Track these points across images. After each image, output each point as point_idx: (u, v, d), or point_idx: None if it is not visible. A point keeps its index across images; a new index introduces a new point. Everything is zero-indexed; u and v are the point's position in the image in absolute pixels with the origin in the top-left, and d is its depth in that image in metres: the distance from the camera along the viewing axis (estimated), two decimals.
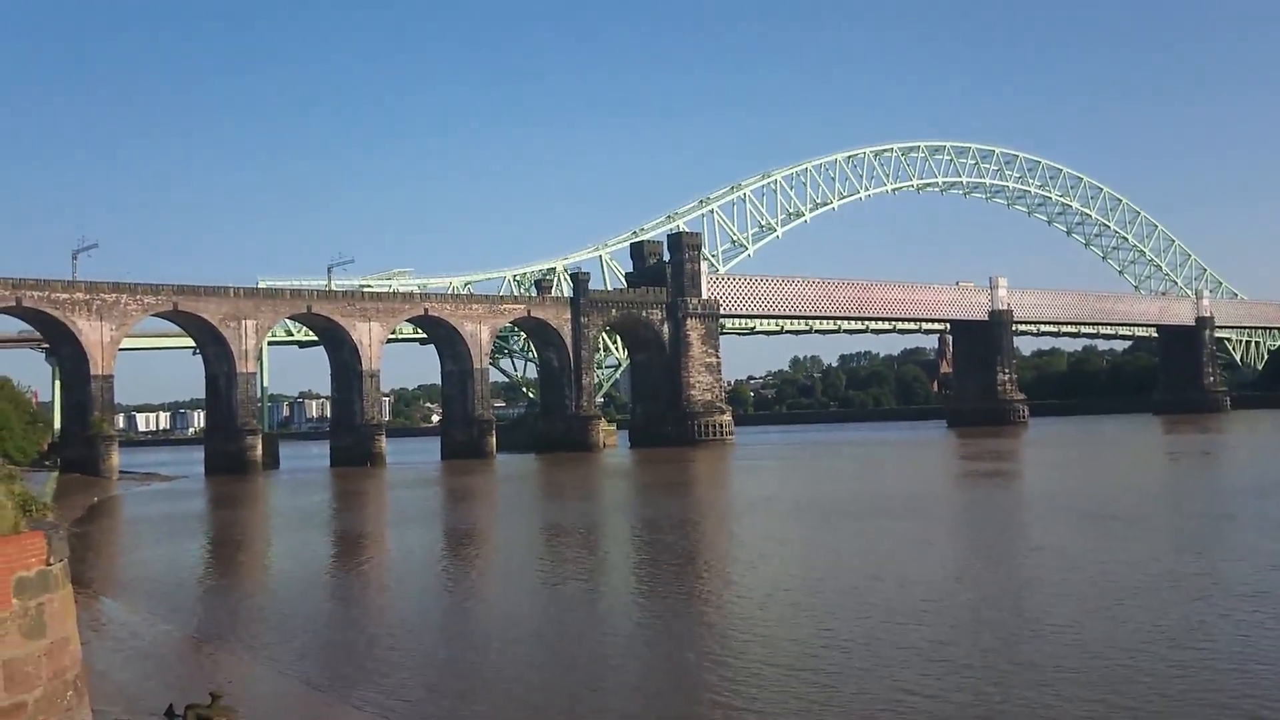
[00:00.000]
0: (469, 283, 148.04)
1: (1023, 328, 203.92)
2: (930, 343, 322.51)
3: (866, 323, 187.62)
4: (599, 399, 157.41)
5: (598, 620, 28.62)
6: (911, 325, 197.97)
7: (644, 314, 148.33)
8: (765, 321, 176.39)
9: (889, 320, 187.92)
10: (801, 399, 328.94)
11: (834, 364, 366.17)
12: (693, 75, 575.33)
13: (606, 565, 40.10)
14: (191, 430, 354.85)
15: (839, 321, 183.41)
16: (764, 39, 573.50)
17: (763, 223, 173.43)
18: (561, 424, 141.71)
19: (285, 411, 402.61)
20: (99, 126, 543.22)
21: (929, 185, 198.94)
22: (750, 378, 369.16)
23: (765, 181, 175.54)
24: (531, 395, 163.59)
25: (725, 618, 28.19)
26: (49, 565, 14.98)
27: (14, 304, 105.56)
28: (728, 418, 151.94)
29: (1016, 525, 46.46)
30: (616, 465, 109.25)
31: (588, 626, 27.75)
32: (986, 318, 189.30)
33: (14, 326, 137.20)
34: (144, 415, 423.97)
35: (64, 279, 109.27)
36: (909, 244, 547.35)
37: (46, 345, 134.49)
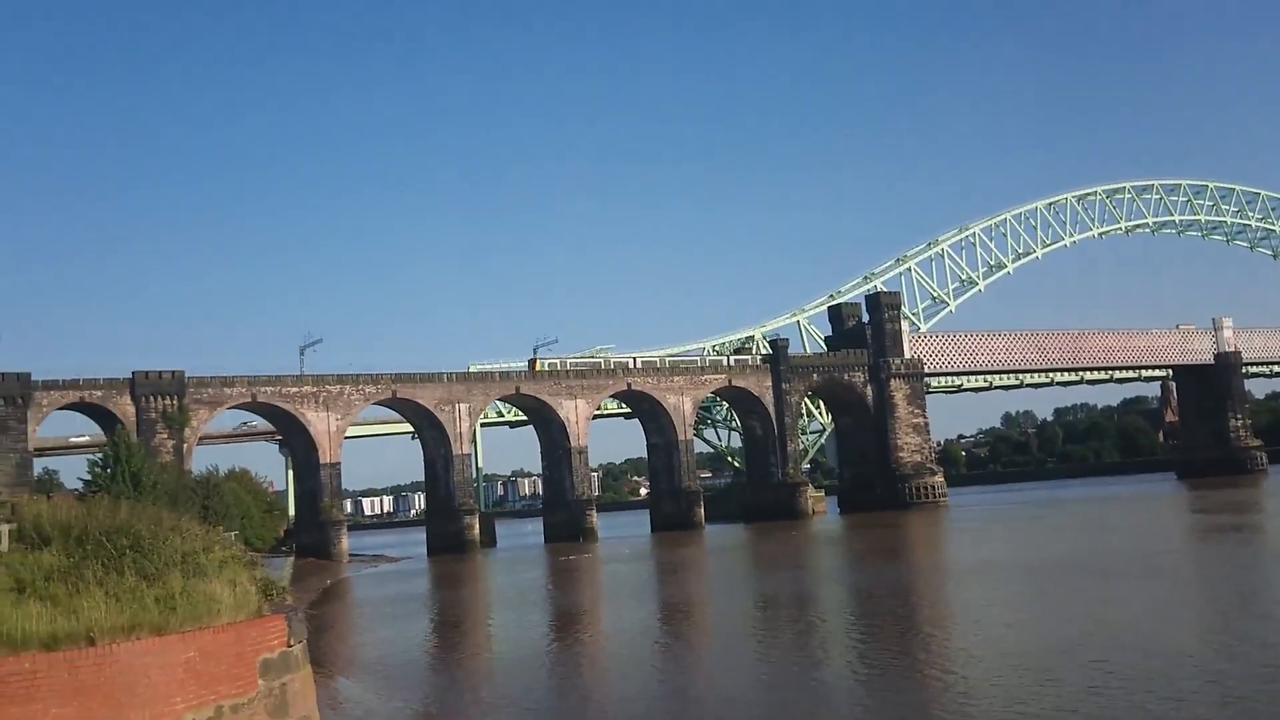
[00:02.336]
0: (669, 356, 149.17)
1: (1253, 369, 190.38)
2: (1152, 390, 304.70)
3: (1081, 373, 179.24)
4: (805, 465, 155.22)
5: (819, 697, 27.82)
6: (1130, 373, 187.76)
7: (845, 377, 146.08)
8: (972, 378, 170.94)
9: (1105, 370, 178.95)
10: (1016, 457, 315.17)
11: (1049, 418, 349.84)
12: (885, 133, 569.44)
13: (825, 638, 39.07)
14: (413, 512, 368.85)
15: (1051, 374, 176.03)
16: (954, 93, 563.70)
17: (963, 277, 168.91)
18: (769, 492, 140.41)
19: (500, 490, 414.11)
20: (320, 231, 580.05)
21: (1139, 226, 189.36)
22: (960, 436, 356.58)
23: (962, 235, 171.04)
24: (737, 464, 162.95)
25: (956, 693, 26.86)
26: (290, 646, 15.69)
27: (250, 399, 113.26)
28: (939, 479, 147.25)
29: (1269, 584, 42.88)
30: (827, 532, 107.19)
31: (809, 704, 27.00)
32: (1212, 361, 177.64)
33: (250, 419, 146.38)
34: (369, 499, 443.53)
35: (293, 374, 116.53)
36: (1121, 289, 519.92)
37: (280, 437, 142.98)
